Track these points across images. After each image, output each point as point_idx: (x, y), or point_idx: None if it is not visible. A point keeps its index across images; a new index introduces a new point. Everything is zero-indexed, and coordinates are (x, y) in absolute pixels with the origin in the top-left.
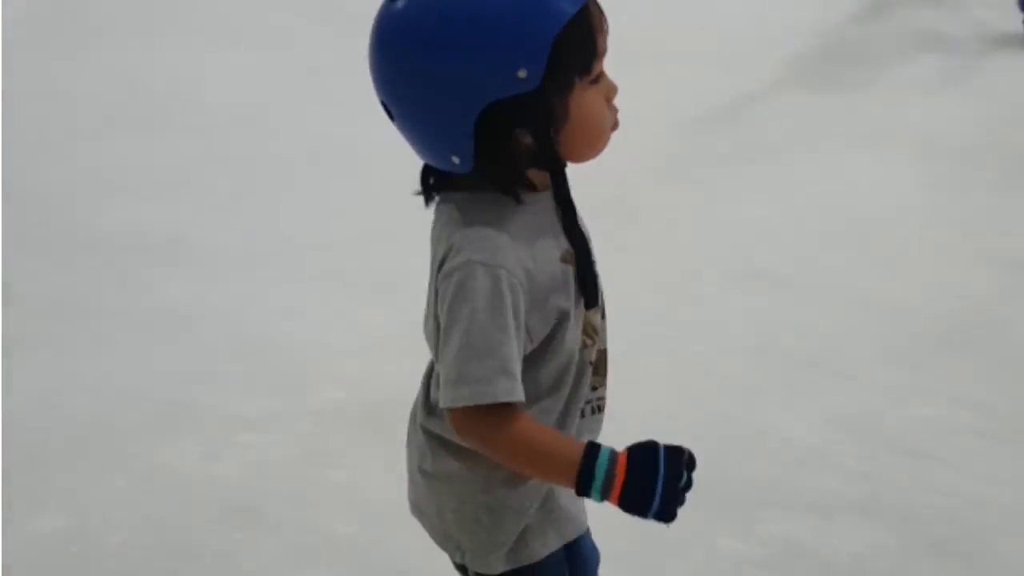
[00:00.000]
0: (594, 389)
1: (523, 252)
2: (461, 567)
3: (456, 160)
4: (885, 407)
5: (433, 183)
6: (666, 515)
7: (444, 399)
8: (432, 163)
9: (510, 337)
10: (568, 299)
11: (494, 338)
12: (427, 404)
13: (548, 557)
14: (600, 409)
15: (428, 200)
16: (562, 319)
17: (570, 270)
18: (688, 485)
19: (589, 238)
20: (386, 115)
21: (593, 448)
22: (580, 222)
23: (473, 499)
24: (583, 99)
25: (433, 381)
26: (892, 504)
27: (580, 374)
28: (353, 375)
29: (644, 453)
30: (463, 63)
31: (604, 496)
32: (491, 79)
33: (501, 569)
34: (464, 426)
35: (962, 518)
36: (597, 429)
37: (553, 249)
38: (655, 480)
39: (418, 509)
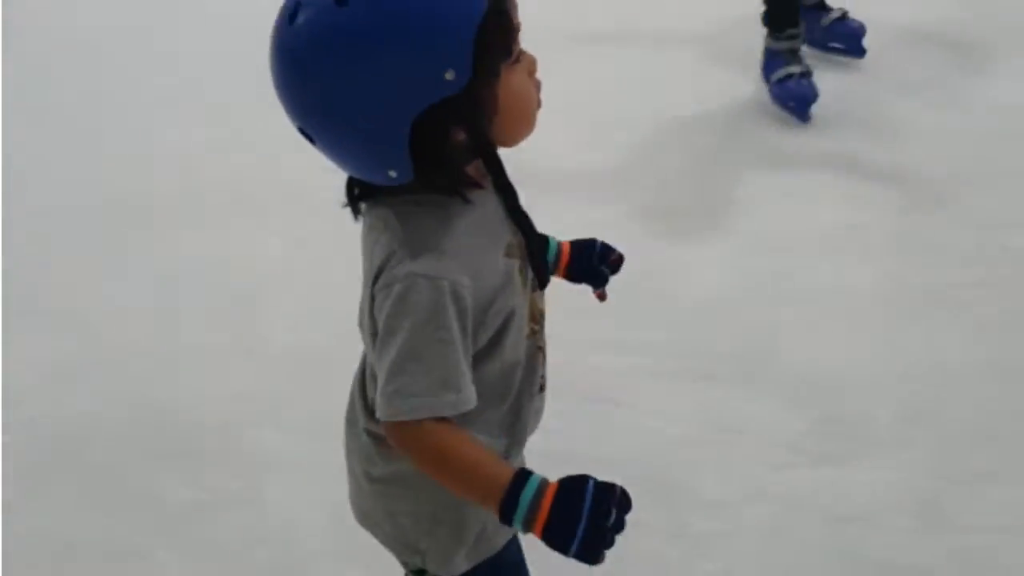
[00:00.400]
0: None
1: (468, 257)
2: (418, 573)
3: (394, 174)
4: (570, 361)
5: (359, 193)
6: (588, 556)
7: (381, 411)
8: (368, 181)
9: (454, 349)
10: (513, 295)
11: (435, 351)
12: (367, 407)
13: (507, 544)
14: (543, 388)
15: (356, 212)
16: (508, 317)
17: (514, 264)
18: (618, 527)
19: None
20: (305, 139)
21: (521, 476)
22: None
23: (431, 499)
24: (510, 82)
25: (370, 381)
26: (586, 452)
27: (532, 361)
28: (29, 414)
29: (572, 487)
30: (387, 76)
31: (528, 528)
32: (418, 87)
33: (464, 568)
34: (399, 438)
35: (650, 455)
36: (542, 408)
37: (497, 246)
38: (579, 518)
39: (367, 518)
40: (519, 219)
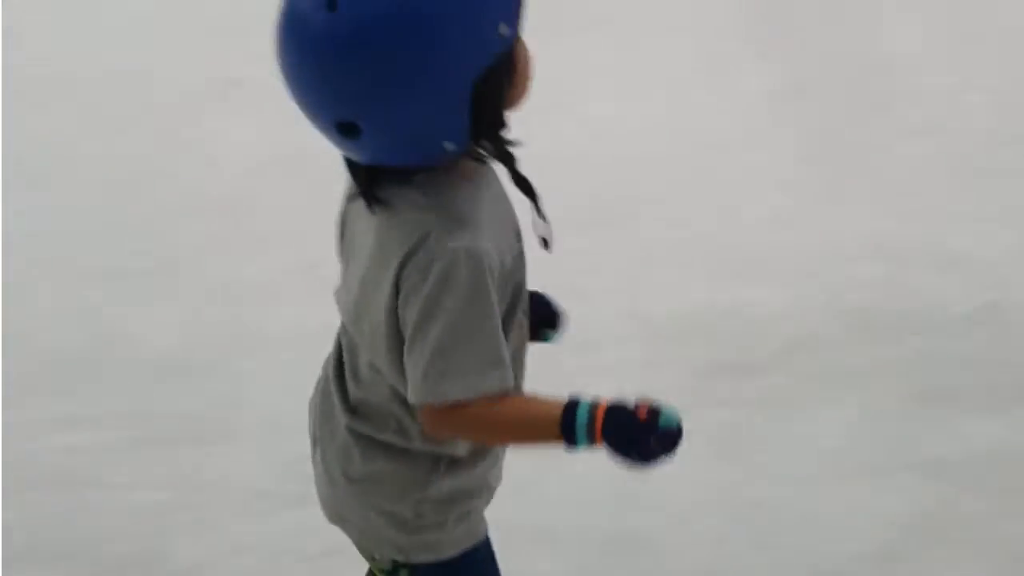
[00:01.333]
0: None
1: (496, 229)
2: (391, 572)
3: (451, 146)
4: (32, 443)
5: (371, 181)
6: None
7: (425, 394)
8: (413, 163)
9: (496, 323)
10: (523, 271)
11: (481, 326)
12: (347, 404)
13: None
14: None
15: (377, 201)
16: (518, 292)
17: (521, 245)
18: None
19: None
20: (339, 136)
21: (568, 415)
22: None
23: (413, 496)
24: (521, 40)
25: (354, 381)
26: (57, 546)
27: (522, 344)
28: None
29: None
30: (451, 40)
31: (591, 441)
32: (480, 46)
33: (451, 553)
34: (445, 420)
35: (133, 529)
36: None
37: (509, 223)
38: (625, 437)
39: (341, 517)
40: (523, 184)
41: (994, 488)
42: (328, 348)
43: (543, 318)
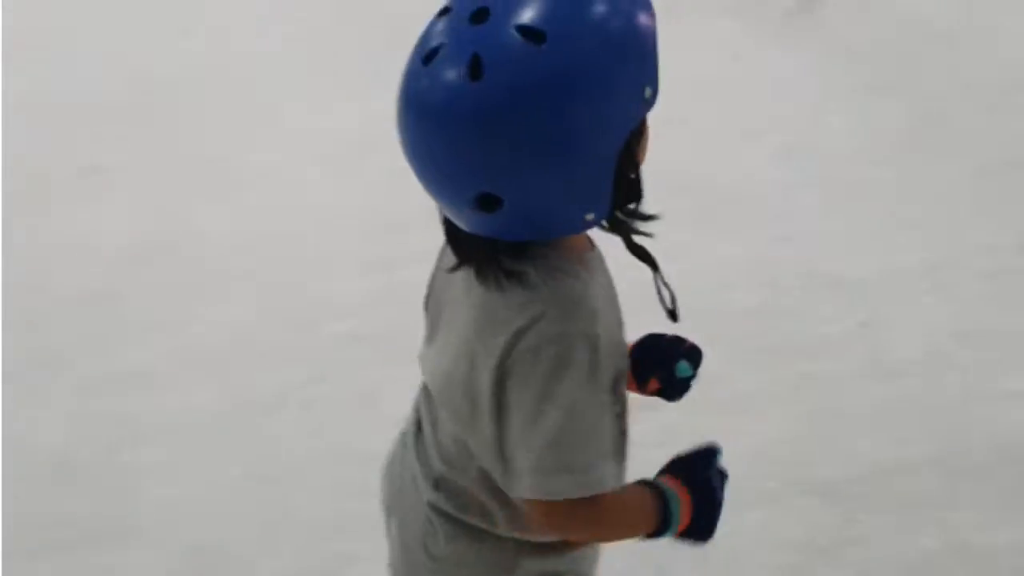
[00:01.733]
0: None
1: (610, 314)
2: None
3: (591, 216)
4: None
5: (487, 254)
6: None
7: (536, 490)
8: (545, 236)
9: (607, 413)
10: (625, 359)
11: (599, 415)
12: (431, 479)
13: None
14: None
15: (499, 278)
16: (619, 378)
17: (624, 335)
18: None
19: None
20: (473, 210)
21: (660, 499)
22: None
23: None
24: None
25: (437, 454)
26: None
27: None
28: None
29: (702, 489)
30: (599, 106)
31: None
32: (625, 111)
33: None
34: (555, 517)
35: None
36: None
37: (617, 310)
38: (714, 519)
39: None
40: (642, 254)
41: (888, 504)
42: (217, 436)
43: (680, 354)
